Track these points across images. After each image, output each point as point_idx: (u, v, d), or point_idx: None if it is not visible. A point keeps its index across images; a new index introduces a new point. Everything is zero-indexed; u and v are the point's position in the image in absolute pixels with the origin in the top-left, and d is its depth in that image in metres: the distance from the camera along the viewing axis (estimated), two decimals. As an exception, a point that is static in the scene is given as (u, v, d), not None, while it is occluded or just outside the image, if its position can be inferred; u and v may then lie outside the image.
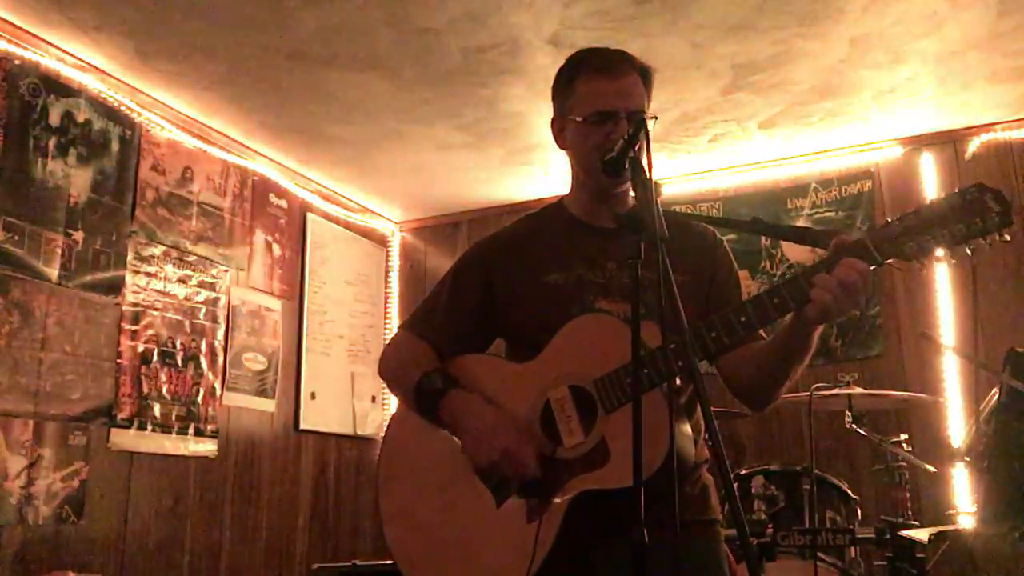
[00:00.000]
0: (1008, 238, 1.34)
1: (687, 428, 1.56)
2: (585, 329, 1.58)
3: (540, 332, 1.61)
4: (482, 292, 1.74)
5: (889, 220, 1.39)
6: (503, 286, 1.72)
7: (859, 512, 3.15)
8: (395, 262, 5.29)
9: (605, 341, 1.52)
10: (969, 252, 1.35)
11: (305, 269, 4.58)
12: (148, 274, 3.63)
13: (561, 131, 1.73)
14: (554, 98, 1.75)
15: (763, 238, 4.43)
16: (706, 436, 1.62)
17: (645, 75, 1.67)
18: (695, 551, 1.57)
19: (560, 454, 1.53)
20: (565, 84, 1.70)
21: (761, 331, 1.57)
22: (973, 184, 1.35)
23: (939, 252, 1.37)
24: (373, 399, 4.89)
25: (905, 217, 1.38)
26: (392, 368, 1.80)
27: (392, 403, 4.87)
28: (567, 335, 1.59)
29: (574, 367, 1.55)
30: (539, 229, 1.78)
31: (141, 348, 3.55)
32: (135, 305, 3.55)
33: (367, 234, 5.13)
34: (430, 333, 1.76)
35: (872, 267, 1.37)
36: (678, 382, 1.56)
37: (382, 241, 5.27)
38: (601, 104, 1.61)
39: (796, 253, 4.35)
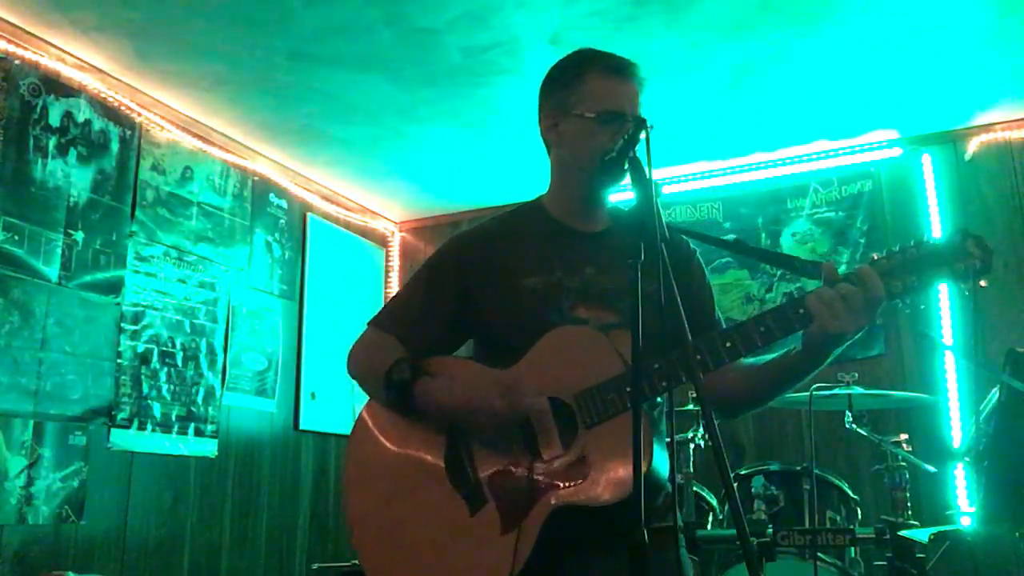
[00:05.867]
0: (984, 284, 1.37)
1: (664, 446, 1.53)
2: (565, 341, 1.54)
3: (516, 337, 1.57)
4: (457, 293, 1.68)
5: (875, 257, 1.41)
6: (479, 288, 1.66)
7: (859, 512, 3.15)
8: (395, 262, 5.29)
9: (585, 354, 1.50)
10: (967, 292, 1.39)
11: (305, 269, 4.58)
12: (148, 274, 3.63)
13: (555, 126, 1.69)
14: (551, 92, 1.72)
15: (763, 236, 4.43)
16: (706, 436, 1.62)
17: (642, 87, 1.66)
18: (659, 559, 1.55)
19: (538, 467, 1.50)
20: (572, 78, 1.66)
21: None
22: (958, 229, 1.39)
23: (919, 296, 1.39)
24: (373, 399, 4.88)
25: (892, 256, 1.39)
26: (360, 365, 1.72)
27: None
28: (547, 346, 1.55)
29: (554, 380, 1.51)
30: (517, 230, 1.73)
31: (141, 348, 3.55)
32: (135, 305, 3.55)
33: (367, 234, 5.13)
34: (400, 331, 1.68)
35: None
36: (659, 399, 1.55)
37: (382, 241, 5.27)
38: (613, 104, 1.59)
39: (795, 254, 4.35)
